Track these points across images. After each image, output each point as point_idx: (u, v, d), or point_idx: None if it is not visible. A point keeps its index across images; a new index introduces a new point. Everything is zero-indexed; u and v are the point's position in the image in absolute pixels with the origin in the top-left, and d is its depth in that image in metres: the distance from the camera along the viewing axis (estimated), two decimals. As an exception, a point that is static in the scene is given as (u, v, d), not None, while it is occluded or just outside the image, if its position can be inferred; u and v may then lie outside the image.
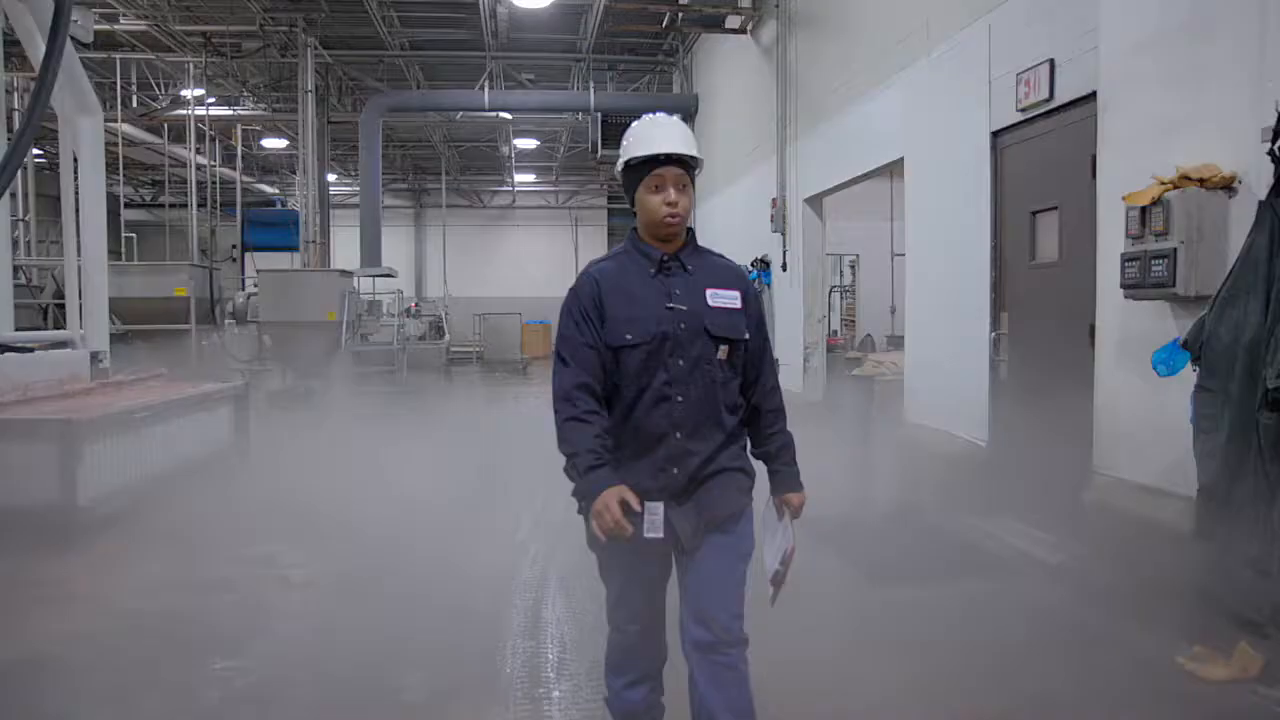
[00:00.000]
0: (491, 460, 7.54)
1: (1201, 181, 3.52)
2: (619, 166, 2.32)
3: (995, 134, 5.42)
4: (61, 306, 11.31)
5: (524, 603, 4.18)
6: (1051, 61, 4.82)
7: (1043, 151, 5.01)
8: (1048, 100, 4.86)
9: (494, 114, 16.33)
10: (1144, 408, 3.93)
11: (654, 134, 2.27)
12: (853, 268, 15.10)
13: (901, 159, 6.79)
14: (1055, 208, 4.89)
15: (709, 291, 2.26)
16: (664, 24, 11.20)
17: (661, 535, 2.20)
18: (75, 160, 8.13)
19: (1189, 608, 3.34)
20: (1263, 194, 3.26)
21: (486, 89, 14.72)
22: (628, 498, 2.08)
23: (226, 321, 13.79)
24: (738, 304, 2.29)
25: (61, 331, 7.98)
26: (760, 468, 2.41)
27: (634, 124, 2.35)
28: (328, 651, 3.58)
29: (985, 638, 3.56)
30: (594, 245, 27.10)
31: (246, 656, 3.54)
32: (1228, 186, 3.50)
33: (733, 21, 10.87)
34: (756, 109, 10.75)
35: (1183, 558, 3.38)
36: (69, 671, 3.38)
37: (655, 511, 2.19)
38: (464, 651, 3.52)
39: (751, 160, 11.19)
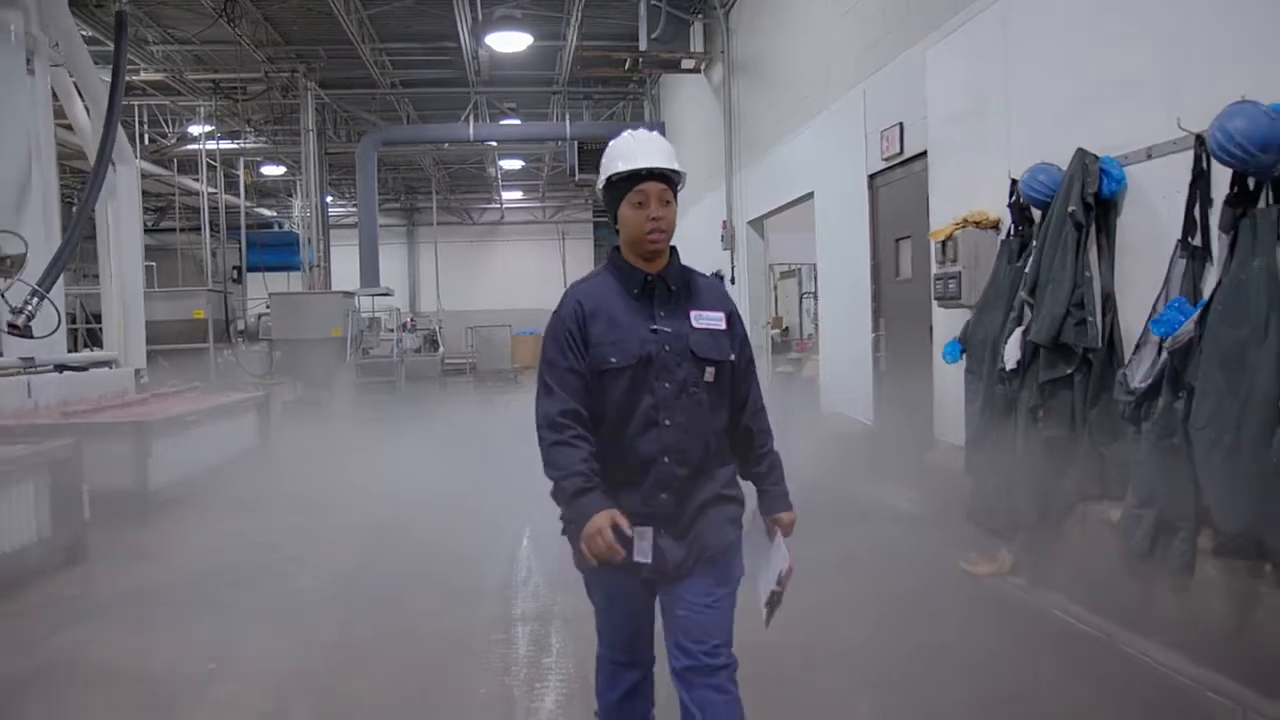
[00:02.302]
0: (484, 453, 8.92)
1: (977, 224, 4.90)
2: (600, 184, 2.27)
3: (871, 176, 6.77)
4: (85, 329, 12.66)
5: (504, 551, 5.55)
6: (901, 124, 6.17)
7: (900, 192, 6.37)
8: (900, 154, 6.21)
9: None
10: (955, 388, 5.29)
11: (634, 149, 2.21)
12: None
13: (813, 192, 8.16)
14: (909, 237, 6.25)
15: (693, 313, 2.22)
16: (626, 66, 12.53)
17: (650, 560, 2.17)
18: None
19: (972, 527, 4.70)
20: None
21: (471, 121, 16.07)
22: (619, 521, 2.03)
23: (238, 339, 15.14)
24: (722, 325, 2.25)
25: (107, 352, 9.26)
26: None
27: (614, 141, 2.29)
28: (358, 582, 4.94)
29: (846, 566, 4.87)
30: (580, 257, 28.39)
31: (296, 586, 4.90)
32: (994, 227, 4.88)
33: (687, 63, 12.15)
34: (711, 140, 12.09)
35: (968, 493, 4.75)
36: (169, 600, 4.71)
37: (645, 536, 2.15)
38: (460, 577, 4.88)
39: (709, 184, 12.54)
